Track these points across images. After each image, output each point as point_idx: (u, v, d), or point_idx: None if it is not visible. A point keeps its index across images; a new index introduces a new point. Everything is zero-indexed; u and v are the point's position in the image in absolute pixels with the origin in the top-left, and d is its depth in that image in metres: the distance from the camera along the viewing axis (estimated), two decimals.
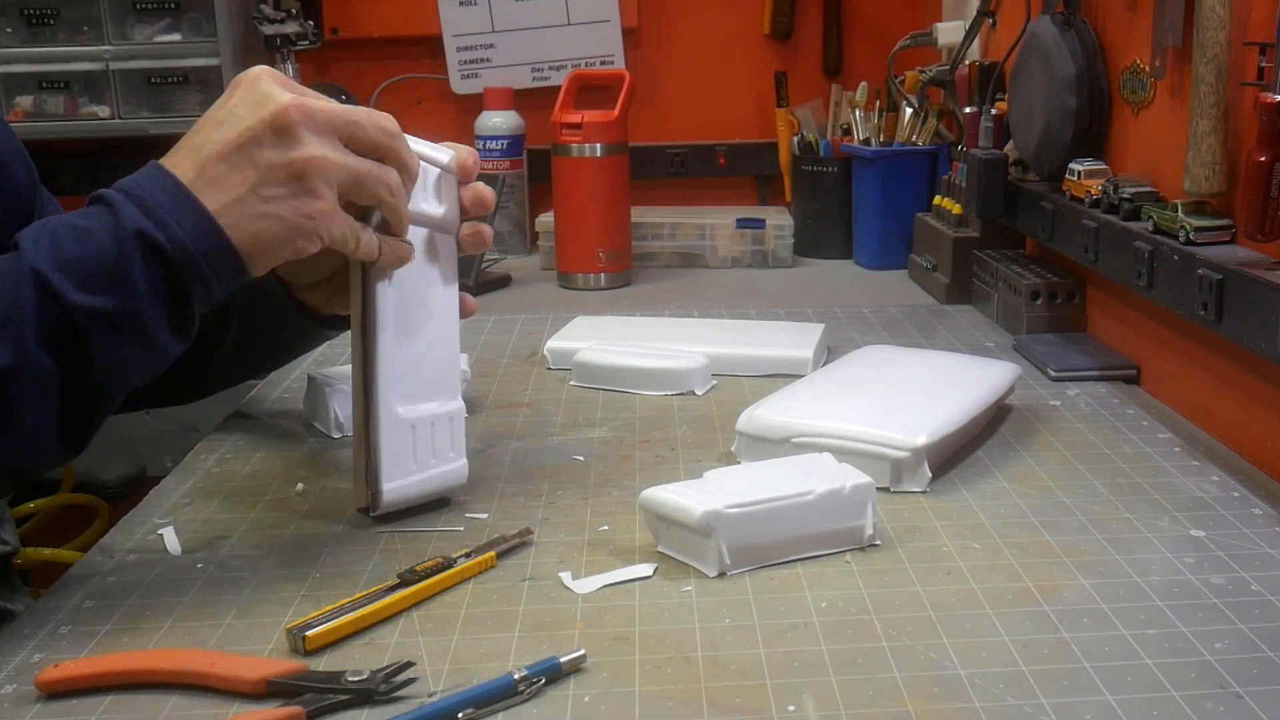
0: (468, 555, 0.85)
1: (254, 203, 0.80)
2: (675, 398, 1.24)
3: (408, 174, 0.87)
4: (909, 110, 1.89)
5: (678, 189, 2.21)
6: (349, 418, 1.10)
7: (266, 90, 0.80)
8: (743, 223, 1.96)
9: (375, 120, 0.84)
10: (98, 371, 0.78)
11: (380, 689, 0.68)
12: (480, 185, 0.97)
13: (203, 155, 0.80)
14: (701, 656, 0.73)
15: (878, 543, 0.88)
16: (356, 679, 0.68)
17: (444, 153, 0.94)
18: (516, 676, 0.69)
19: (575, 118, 1.77)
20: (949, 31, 1.82)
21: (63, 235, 0.78)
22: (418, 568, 0.82)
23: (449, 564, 0.83)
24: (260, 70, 0.82)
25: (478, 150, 1.09)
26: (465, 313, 0.98)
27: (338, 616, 0.76)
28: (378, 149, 0.84)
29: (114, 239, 0.77)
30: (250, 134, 0.79)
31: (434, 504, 0.96)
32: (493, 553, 0.86)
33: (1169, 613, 0.77)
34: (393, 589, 0.80)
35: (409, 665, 0.70)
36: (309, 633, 0.74)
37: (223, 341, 1.08)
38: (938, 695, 0.68)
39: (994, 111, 1.51)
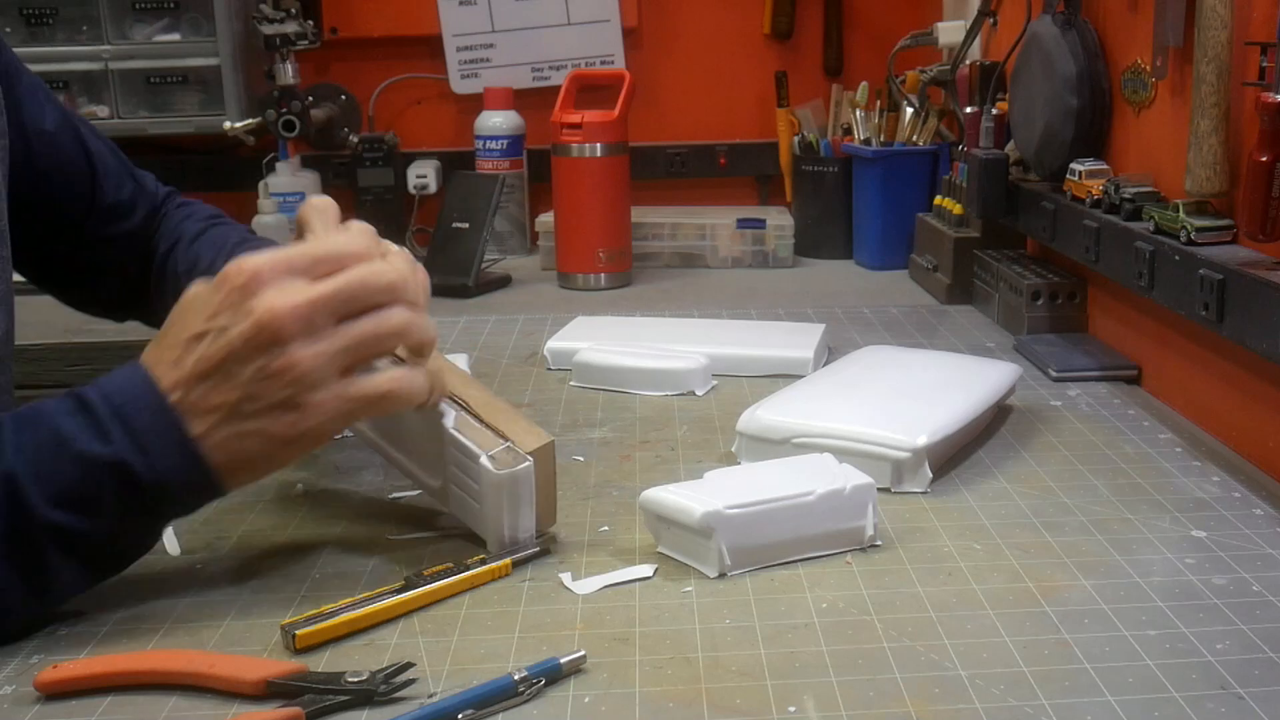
0: (483, 561, 0.84)
1: (237, 421, 0.75)
2: (675, 398, 1.24)
3: (418, 306, 0.80)
4: (910, 110, 1.89)
5: (678, 189, 2.21)
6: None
7: (250, 300, 0.74)
8: (743, 223, 1.96)
9: (369, 279, 0.77)
10: (51, 575, 0.76)
11: (380, 690, 0.68)
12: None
13: (185, 371, 0.75)
14: (702, 657, 0.73)
15: (879, 543, 0.88)
16: (356, 680, 0.68)
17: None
18: (516, 677, 0.69)
19: (575, 118, 1.77)
20: (950, 31, 1.82)
21: (44, 441, 0.75)
22: (425, 571, 0.81)
23: (460, 569, 0.82)
24: (251, 270, 0.75)
25: (478, 149, 1.08)
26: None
27: (334, 616, 0.76)
28: (381, 301, 0.78)
29: (93, 462, 0.74)
30: (231, 350, 0.74)
31: (434, 508, 0.96)
32: (508, 560, 0.84)
33: (1170, 613, 0.77)
34: (398, 591, 0.80)
35: (409, 666, 0.70)
36: (298, 631, 0.74)
37: None
38: (939, 696, 0.68)
39: (995, 111, 1.51)
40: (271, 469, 0.80)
